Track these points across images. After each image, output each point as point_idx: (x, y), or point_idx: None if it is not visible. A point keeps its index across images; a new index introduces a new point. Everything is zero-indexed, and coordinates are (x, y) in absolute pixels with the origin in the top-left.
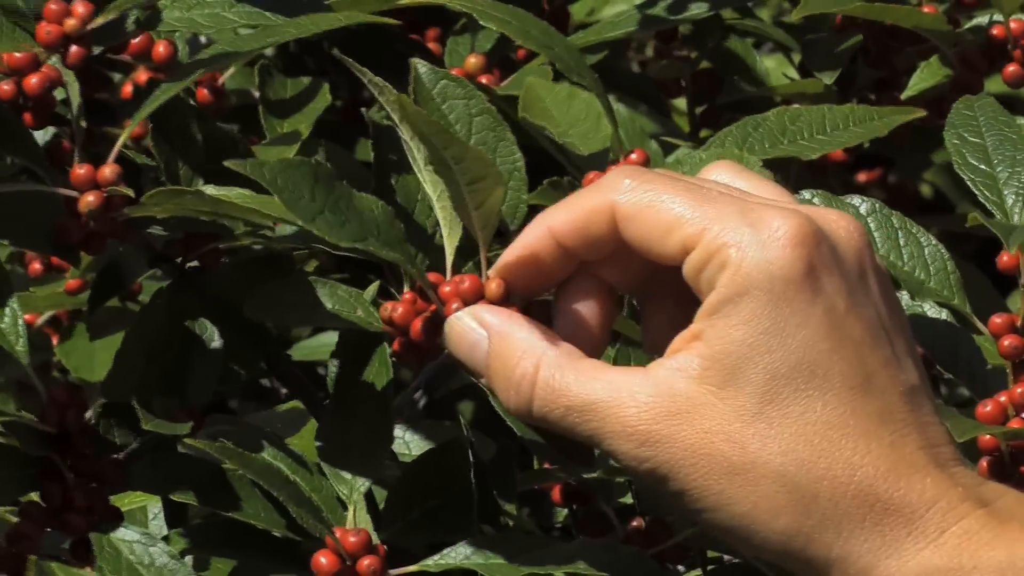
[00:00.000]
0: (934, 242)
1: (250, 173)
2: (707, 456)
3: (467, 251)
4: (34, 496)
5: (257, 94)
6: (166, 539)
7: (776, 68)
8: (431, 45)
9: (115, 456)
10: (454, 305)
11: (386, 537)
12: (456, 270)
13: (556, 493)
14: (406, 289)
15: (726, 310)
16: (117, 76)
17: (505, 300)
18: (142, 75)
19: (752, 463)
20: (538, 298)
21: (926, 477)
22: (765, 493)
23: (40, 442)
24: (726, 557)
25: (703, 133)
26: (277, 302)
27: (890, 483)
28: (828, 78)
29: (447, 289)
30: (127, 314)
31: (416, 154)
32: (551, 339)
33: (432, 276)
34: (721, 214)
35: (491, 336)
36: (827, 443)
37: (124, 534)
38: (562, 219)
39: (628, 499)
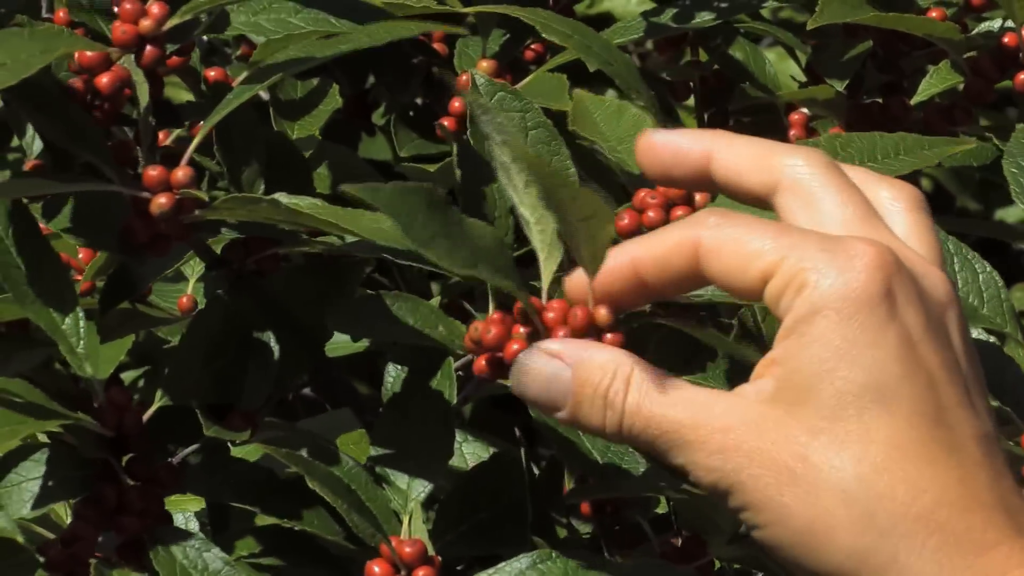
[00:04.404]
0: (988, 268)
1: (368, 199)
2: (770, 467)
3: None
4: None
5: (266, 96)
6: (224, 544)
7: (777, 61)
8: (437, 46)
9: (169, 460)
10: (560, 332)
11: (439, 548)
12: (550, 296)
13: (586, 505)
14: (493, 309)
15: (800, 330)
16: None
17: (613, 327)
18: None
19: (814, 476)
20: None
21: (993, 518)
22: (824, 507)
23: (97, 444)
24: (758, 574)
25: None
26: (358, 315)
27: (954, 514)
28: (839, 84)
29: (551, 315)
30: (137, 316)
31: (514, 178)
32: (631, 357)
33: (534, 301)
34: (800, 243)
35: (574, 365)
36: (891, 463)
37: (179, 538)
38: (646, 250)
39: (662, 509)
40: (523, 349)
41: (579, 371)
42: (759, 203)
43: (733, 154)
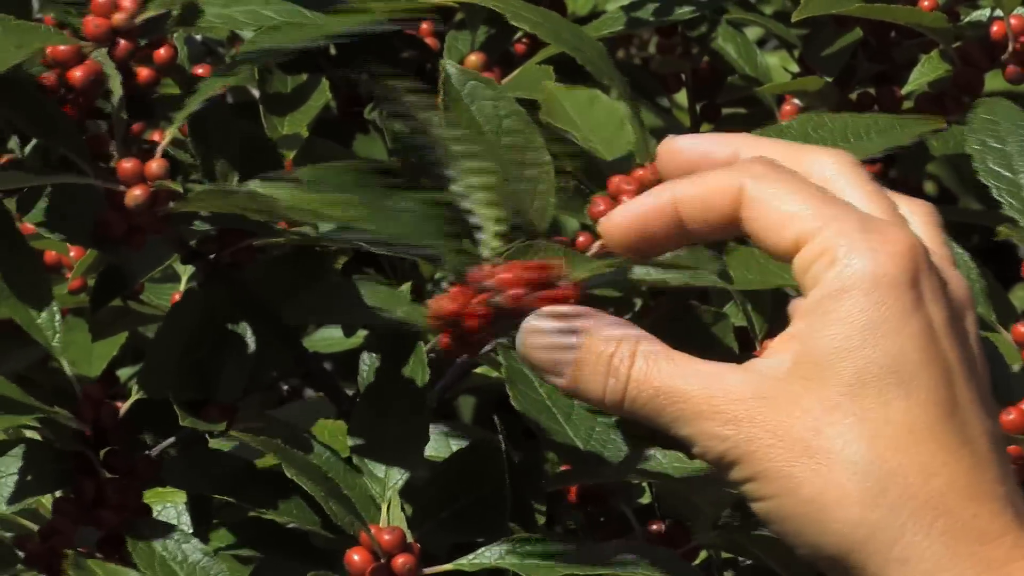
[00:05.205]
0: (958, 248)
1: (302, 177)
2: (783, 438)
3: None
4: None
5: (256, 92)
6: (201, 535)
7: (778, 65)
8: (427, 40)
9: (147, 452)
10: (513, 290)
11: (417, 536)
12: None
13: (572, 494)
14: (451, 283)
15: (826, 306)
16: None
17: (565, 279)
18: (143, 72)
19: (827, 448)
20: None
21: (1001, 510)
22: (834, 479)
23: (74, 438)
24: (741, 559)
25: (703, 128)
26: (316, 304)
27: (962, 502)
28: (828, 75)
29: (503, 275)
30: (129, 313)
31: (449, 151)
32: (638, 329)
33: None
34: (840, 217)
35: (581, 331)
36: (905, 444)
37: (157, 531)
38: (689, 189)
39: (646, 499)
40: (485, 314)
41: (585, 337)
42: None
43: (761, 155)
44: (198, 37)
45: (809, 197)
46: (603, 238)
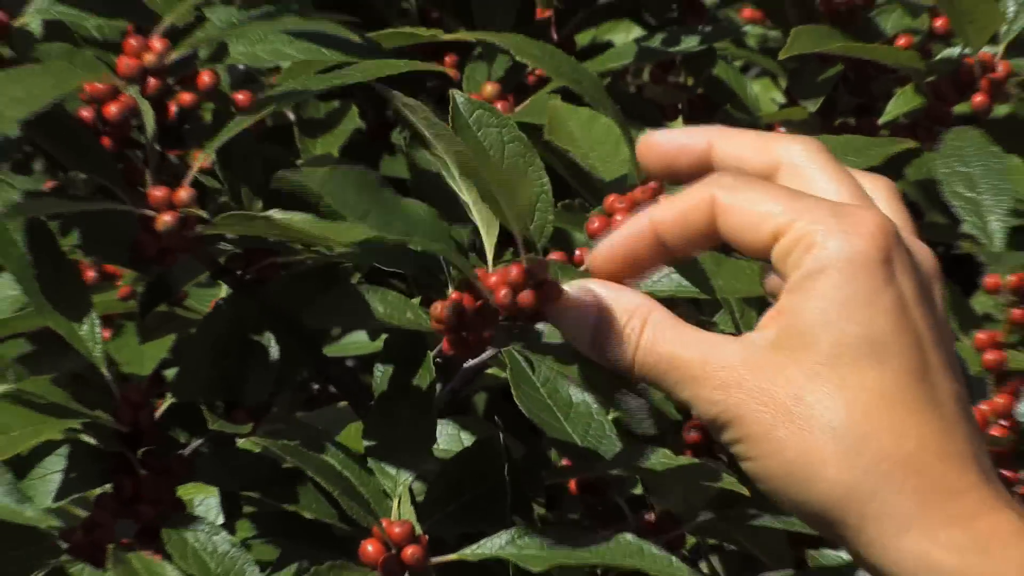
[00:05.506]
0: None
1: (305, 182)
2: (769, 403)
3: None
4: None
5: (292, 116)
6: (227, 528)
7: (763, 92)
8: (450, 71)
9: (181, 452)
10: (502, 291)
11: (426, 528)
12: (495, 264)
13: (573, 486)
14: (451, 290)
15: (807, 285)
16: None
17: (545, 278)
18: (185, 96)
19: (808, 414)
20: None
21: (968, 468)
22: (815, 442)
23: (114, 439)
24: (726, 545)
25: None
26: (335, 311)
27: (934, 461)
28: (812, 105)
29: (494, 278)
30: (175, 318)
31: (451, 167)
32: (652, 302)
33: (477, 271)
34: (812, 207)
35: (602, 300)
36: (879, 410)
37: (190, 524)
38: (665, 213)
39: (639, 491)
40: (477, 315)
41: (605, 309)
42: None
43: (734, 143)
44: (241, 66)
45: (778, 195)
46: (592, 272)
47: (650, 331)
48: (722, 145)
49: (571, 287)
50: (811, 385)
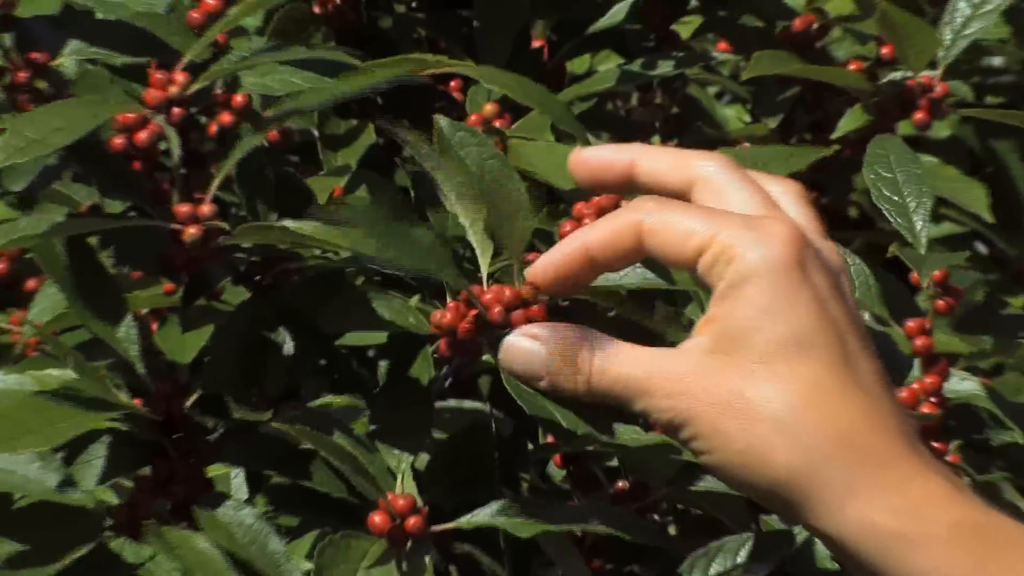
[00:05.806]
0: (858, 261)
1: (346, 214)
2: (715, 404)
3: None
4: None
5: (316, 132)
6: (250, 502)
7: (735, 117)
8: (455, 94)
9: (208, 437)
10: (496, 309)
11: (427, 500)
12: (489, 280)
13: (557, 459)
14: (450, 300)
15: (733, 294)
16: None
17: (535, 300)
18: (225, 117)
19: (750, 407)
20: (562, 299)
21: (896, 439)
22: (759, 432)
23: (149, 427)
24: (692, 510)
25: None
26: (346, 317)
27: (866, 435)
28: (772, 122)
29: (489, 296)
30: (213, 311)
31: (448, 193)
32: (591, 331)
33: (475, 288)
34: (728, 223)
35: (548, 342)
36: (813, 397)
37: (218, 501)
38: (595, 236)
39: (613, 463)
40: (472, 329)
41: (552, 346)
42: (677, 199)
43: (654, 160)
44: None
45: (697, 214)
46: (532, 283)
47: (599, 359)
48: (644, 161)
49: (516, 335)
50: (750, 382)
